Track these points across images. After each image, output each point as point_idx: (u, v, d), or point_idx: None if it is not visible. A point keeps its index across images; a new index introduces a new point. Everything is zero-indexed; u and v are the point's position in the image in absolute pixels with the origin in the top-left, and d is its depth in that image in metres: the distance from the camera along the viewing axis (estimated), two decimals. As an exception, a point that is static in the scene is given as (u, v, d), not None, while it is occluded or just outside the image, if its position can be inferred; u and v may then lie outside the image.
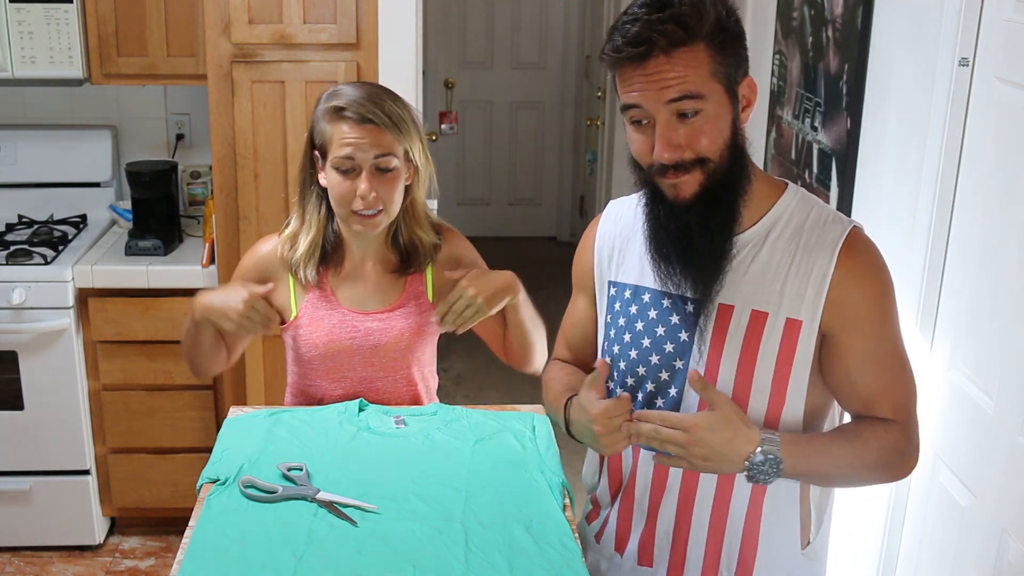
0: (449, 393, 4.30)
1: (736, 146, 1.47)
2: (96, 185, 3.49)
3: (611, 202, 1.74)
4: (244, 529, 1.61)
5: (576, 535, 1.63)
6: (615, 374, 1.65)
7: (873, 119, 2.38)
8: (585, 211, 6.24)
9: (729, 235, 1.50)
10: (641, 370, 1.60)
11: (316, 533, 1.60)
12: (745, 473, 1.47)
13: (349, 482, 1.73)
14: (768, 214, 1.53)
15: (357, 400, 1.97)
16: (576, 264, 1.77)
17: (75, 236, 3.31)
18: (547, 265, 6.27)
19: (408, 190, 1.97)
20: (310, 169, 1.96)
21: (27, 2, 3.01)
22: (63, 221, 3.40)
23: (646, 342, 1.59)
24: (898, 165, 2.25)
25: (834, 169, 2.55)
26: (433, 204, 3.26)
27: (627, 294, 1.63)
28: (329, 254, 1.99)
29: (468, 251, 2.09)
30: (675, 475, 1.60)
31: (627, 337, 1.61)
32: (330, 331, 1.99)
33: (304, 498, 1.69)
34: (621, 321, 1.63)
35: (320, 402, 2.04)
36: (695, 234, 1.47)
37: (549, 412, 1.81)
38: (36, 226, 3.35)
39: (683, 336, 1.55)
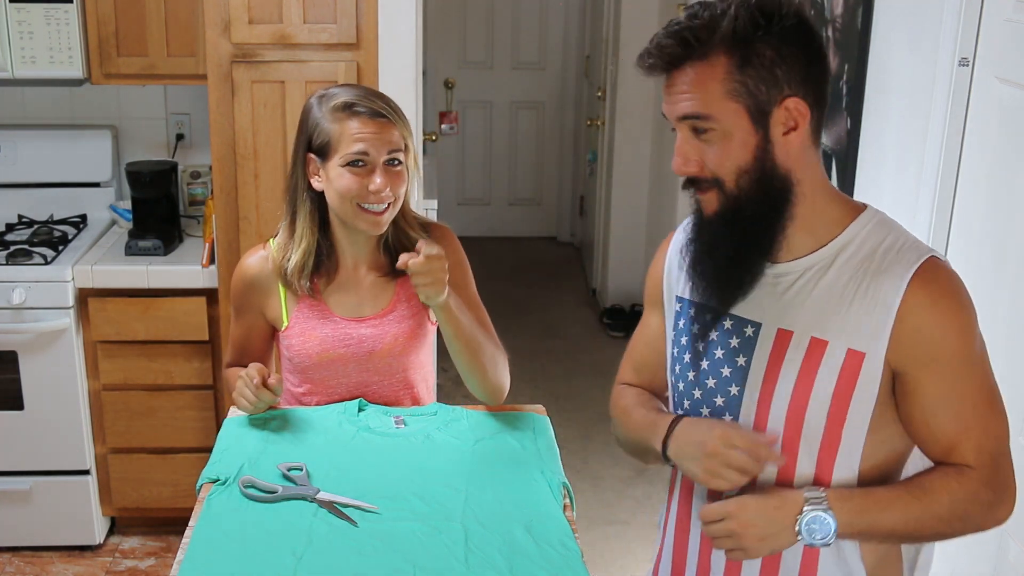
0: (449, 393, 4.29)
1: (763, 172, 1.36)
2: (96, 185, 3.49)
3: (689, 217, 1.62)
4: (244, 529, 1.61)
5: (576, 535, 1.62)
6: (674, 394, 1.58)
7: (873, 119, 2.38)
8: (585, 211, 6.23)
9: (753, 261, 1.42)
10: (697, 393, 1.52)
11: (316, 533, 1.60)
12: (800, 539, 1.37)
13: (349, 482, 1.73)
14: (837, 238, 1.42)
15: (357, 400, 1.97)
16: (649, 279, 1.68)
17: (75, 236, 3.31)
18: (547, 265, 6.28)
19: None
20: (302, 176, 1.94)
21: (27, 2, 3.01)
22: (63, 221, 3.40)
23: (704, 364, 1.51)
24: (898, 165, 2.25)
25: (834, 169, 2.55)
26: (433, 204, 3.27)
27: (692, 312, 1.54)
28: (322, 263, 1.98)
29: (454, 251, 2.03)
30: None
31: (687, 357, 1.54)
32: (323, 340, 1.98)
33: (304, 498, 1.69)
34: (683, 340, 1.55)
35: (317, 408, 2.04)
36: (717, 250, 1.42)
37: (628, 437, 1.63)
38: (36, 226, 3.35)
39: (740, 361, 1.47)
